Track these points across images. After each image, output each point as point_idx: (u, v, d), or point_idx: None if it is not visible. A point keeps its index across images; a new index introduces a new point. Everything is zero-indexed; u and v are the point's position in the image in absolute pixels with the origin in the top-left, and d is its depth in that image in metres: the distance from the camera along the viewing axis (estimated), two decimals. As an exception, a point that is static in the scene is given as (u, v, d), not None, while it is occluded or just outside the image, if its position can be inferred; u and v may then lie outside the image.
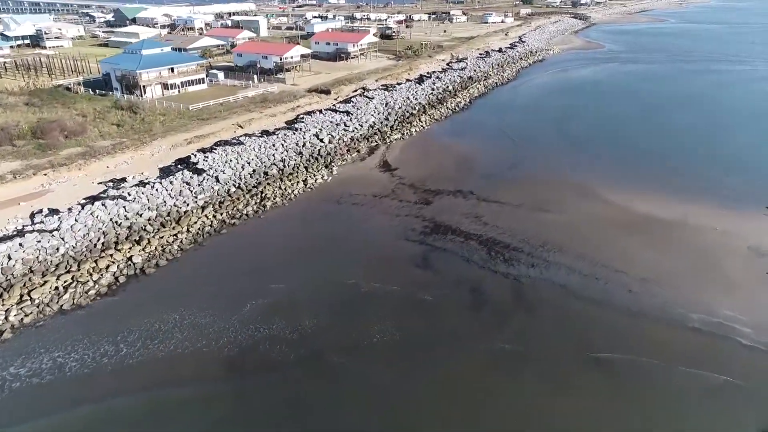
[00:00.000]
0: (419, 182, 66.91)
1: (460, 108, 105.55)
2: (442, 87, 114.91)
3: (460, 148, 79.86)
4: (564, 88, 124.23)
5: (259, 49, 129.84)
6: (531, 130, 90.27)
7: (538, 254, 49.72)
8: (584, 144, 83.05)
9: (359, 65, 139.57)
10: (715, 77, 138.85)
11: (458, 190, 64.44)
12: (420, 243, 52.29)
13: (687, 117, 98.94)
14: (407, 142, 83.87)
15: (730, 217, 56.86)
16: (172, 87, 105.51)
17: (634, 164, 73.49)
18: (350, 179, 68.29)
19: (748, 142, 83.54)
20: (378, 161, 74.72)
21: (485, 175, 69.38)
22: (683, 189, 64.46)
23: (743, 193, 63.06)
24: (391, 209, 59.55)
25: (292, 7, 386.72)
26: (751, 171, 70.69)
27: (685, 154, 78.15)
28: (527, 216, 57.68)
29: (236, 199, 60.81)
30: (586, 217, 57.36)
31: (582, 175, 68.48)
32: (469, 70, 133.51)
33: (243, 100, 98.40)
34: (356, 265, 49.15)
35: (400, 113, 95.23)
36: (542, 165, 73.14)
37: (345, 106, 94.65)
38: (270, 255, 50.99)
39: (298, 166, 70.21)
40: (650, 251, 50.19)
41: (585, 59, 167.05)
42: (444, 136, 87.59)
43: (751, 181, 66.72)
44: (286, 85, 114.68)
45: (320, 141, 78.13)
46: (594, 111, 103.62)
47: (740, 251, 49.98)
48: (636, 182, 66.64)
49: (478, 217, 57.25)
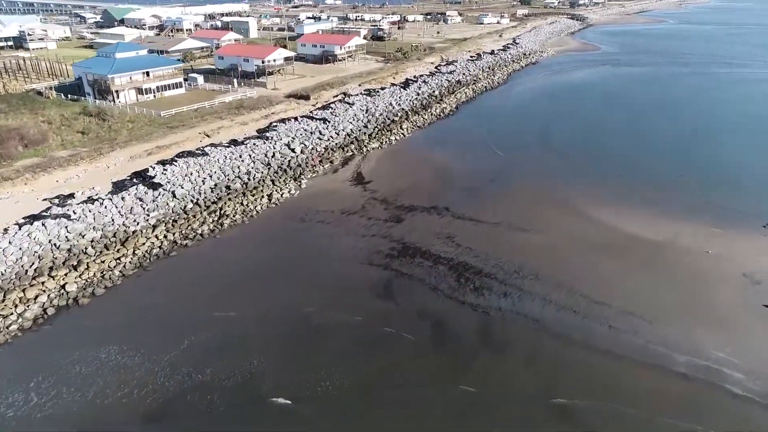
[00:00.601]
0: (393, 197, 62.57)
1: (445, 114, 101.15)
2: (428, 92, 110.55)
3: (439, 159, 75.48)
4: (554, 92, 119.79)
5: (240, 51, 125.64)
6: (516, 139, 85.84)
7: (512, 282, 45.35)
8: (570, 154, 78.59)
9: (346, 68, 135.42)
10: (710, 81, 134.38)
11: (433, 206, 60.08)
12: (385, 268, 47.93)
13: (680, 125, 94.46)
14: (385, 151, 79.49)
15: (725, 238, 52.48)
16: (147, 92, 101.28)
17: (622, 176, 69.08)
18: (319, 193, 63.95)
19: (744, 153, 79.02)
20: (351, 173, 70.37)
21: (463, 189, 65.00)
22: (675, 204, 60.11)
23: (739, 208, 58.70)
24: (358, 228, 55.20)
25: (287, 8, 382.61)
26: (748, 184, 66.31)
27: (678, 165, 73.67)
28: (504, 236, 53.30)
29: (192, 217, 56.47)
30: (568, 237, 53.00)
31: (566, 189, 64.12)
32: (458, 74, 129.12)
33: (219, 105, 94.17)
34: (314, 293, 44.87)
35: (380, 120, 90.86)
36: (525, 178, 68.74)
37: (323, 112, 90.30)
38: (220, 280, 46.65)
39: (264, 179, 65.85)
40: (635, 279, 45.80)
41: (579, 61, 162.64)
42: (424, 145, 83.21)
43: (747, 196, 62.38)
44: (267, 89, 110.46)
45: (291, 151, 73.80)
46: (583, 118, 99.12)
47: (734, 279, 45.58)
48: (624, 197, 62.29)
49: (451, 237, 52.88)
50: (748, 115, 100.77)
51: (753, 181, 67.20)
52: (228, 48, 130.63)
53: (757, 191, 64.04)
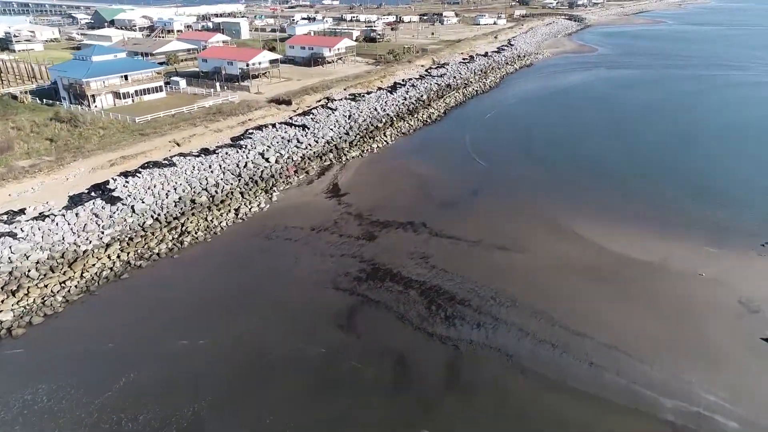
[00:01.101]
0: (368, 211, 58.87)
1: (432, 120, 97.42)
2: (415, 96, 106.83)
3: (421, 169, 71.75)
4: (546, 97, 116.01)
5: (224, 54, 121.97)
6: (503, 148, 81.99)
7: (487, 309, 41.64)
8: (559, 164, 74.67)
9: (335, 71, 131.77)
10: (708, 86, 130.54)
11: (410, 221, 56.37)
12: (351, 293, 44.23)
13: (675, 132, 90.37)
14: (365, 160, 75.75)
15: (719, 259, 48.76)
16: (125, 96, 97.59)
17: (612, 188, 65.33)
18: (290, 207, 60.27)
19: (742, 164, 75.13)
20: (327, 184, 66.66)
21: (443, 204, 61.28)
22: (668, 219, 56.39)
23: (736, 225, 54.97)
24: (328, 247, 51.49)
25: (281, 8, 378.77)
26: (745, 198, 62.49)
27: (671, 176, 69.76)
28: (482, 256, 49.57)
29: (150, 234, 52.77)
30: (551, 257, 49.28)
31: (552, 203, 60.39)
32: (449, 77, 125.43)
33: (198, 110, 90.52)
34: (273, 321, 41.25)
35: (363, 127, 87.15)
36: (509, 190, 65.00)
37: (303, 118, 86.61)
38: (171, 307, 42.98)
39: (233, 191, 62.17)
40: (621, 306, 42.08)
41: (575, 64, 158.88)
42: (407, 153, 79.45)
43: (744, 211, 58.59)
44: (250, 93, 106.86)
45: (265, 161, 70.11)
46: (574, 125, 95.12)
47: (730, 307, 41.87)
48: (614, 211, 58.58)
49: (426, 257, 49.17)
50: (746, 123, 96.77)
51: (751, 195, 63.40)
52: (212, 50, 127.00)
53: (755, 206, 60.27)
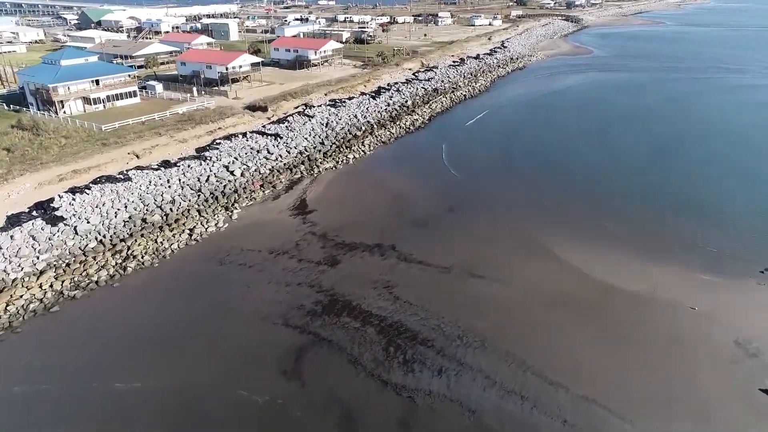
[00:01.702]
0: (335, 231, 54.25)
1: (415, 127, 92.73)
2: (399, 102, 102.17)
3: (397, 182, 67.10)
4: (536, 102, 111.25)
5: (203, 57, 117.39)
6: (486, 159, 76.85)
7: (452, 352, 37.03)
8: (544, 178, 69.69)
9: (320, 74, 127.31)
10: (706, 91, 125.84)
11: (378, 243, 51.76)
12: (302, 330, 39.61)
13: (667, 143, 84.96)
14: (339, 172, 71.06)
15: (714, 289, 44.16)
16: (96, 102, 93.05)
17: (597, 205, 60.58)
18: (251, 227, 55.64)
19: (738, 178, 70.07)
20: (294, 200, 62.02)
21: (417, 222, 56.64)
22: (655, 241, 51.76)
23: (731, 248, 50.35)
24: (285, 274, 46.86)
25: (275, 8, 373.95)
26: (742, 217, 57.66)
27: (661, 191, 64.81)
28: (452, 285, 44.94)
29: (92, 259, 48.16)
30: (529, 286, 44.65)
31: (531, 222, 55.72)
32: (437, 81, 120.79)
33: (170, 117, 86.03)
34: (211, 363, 36.68)
35: (340, 136, 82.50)
36: (487, 207, 60.22)
37: (277, 127, 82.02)
38: (105, 345, 38.37)
39: (189, 209, 57.55)
40: (602, 349, 37.47)
41: (569, 66, 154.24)
42: (384, 165, 74.72)
43: (741, 232, 53.94)
44: (228, 98, 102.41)
45: (230, 174, 65.50)
46: (560, 134, 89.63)
47: (725, 349, 37.26)
48: (597, 231, 53.91)
49: (390, 287, 44.55)
50: (745, 131, 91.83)
51: (750, 213, 58.60)
52: (191, 53, 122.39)
53: (754, 226, 55.53)
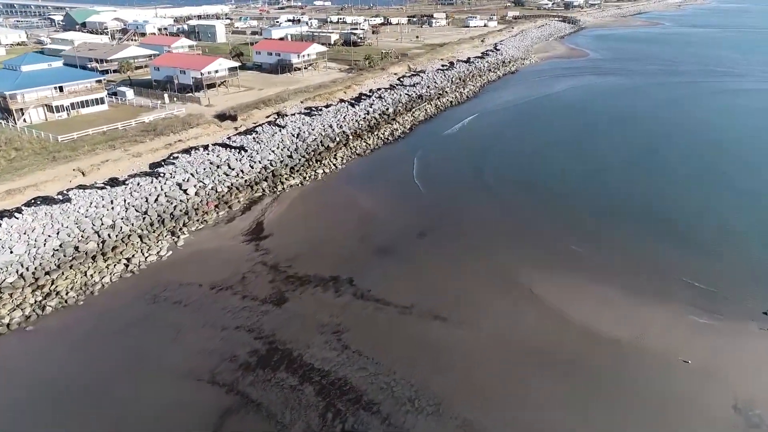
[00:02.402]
0: (288, 261, 48.73)
1: (394, 138, 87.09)
2: (380, 109, 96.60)
3: (365, 202, 61.52)
4: (525, 110, 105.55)
5: (177, 62, 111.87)
6: (465, 175, 70.71)
7: (399, 419, 31.46)
8: (524, 199, 63.42)
9: (302, 79, 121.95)
10: (704, 97, 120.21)
11: (335, 276, 46.25)
12: (230, 389, 34.03)
13: (659, 158, 78.52)
14: (305, 190, 65.46)
15: (709, 335, 38.64)
16: (59, 110, 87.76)
17: (583, 233, 54.54)
18: (196, 255, 50.12)
19: (737, 201, 63.12)
20: (250, 223, 56.47)
21: (381, 250, 51.06)
22: (645, 276, 46.15)
23: (728, 286, 44.74)
24: (223, 315, 41.36)
25: (269, 9, 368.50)
26: (740, 249, 51.41)
27: (652, 216, 58.50)
28: (411, 330, 39.41)
29: (7, 297, 42.65)
30: (498, 332, 39.13)
31: (509, 254, 50.06)
32: (422, 87, 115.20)
33: (135, 126, 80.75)
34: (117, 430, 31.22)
35: (311, 148, 76.90)
36: (461, 234, 54.45)
37: (243, 138, 76.48)
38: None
39: (131, 234, 52.02)
40: (578, 416, 31.92)
41: (563, 70, 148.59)
42: (355, 181, 69.01)
43: (739, 266, 48.22)
44: (201, 105, 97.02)
45: (183, 193, 59.98)
46: (548, 147, 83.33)
47: (722, 414, 31.71)
48: (579, 263, 48.27)
49: (340, 332, 39.03)
50: (744, 144, 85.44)
51: (749, 244, 52.66)
52: (164, 58, 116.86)
53: (753, 259, 49.74)
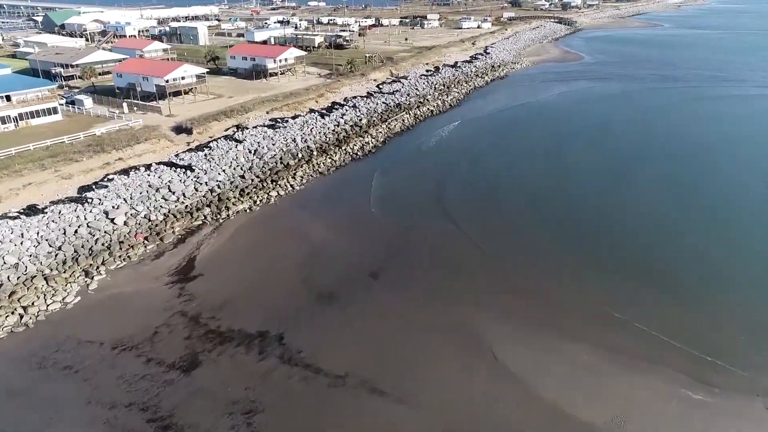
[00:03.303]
0: (212, 311, 41.53)
1: (364, 152, 79.63)
2: (353, 120, 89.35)
3: (316, 233, 54.18)
4: (510, 120, 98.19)
5: (139, 68, 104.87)
6: (432, 201, 62.88)
7: None
8: (495, 231, 55.16)
9: (277, 85, 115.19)
10: (703, 106, 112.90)
11: (262, 331, 39.05)
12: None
13: (651, 179, 69.59)
14: (252, 217, 58.15)
15: (707, 415, 31.42)
16: (5, 121, 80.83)
17: (557, 273, 46.98)
18: (107, 302, 42.88)
19: (744, 242, 54.21)
20: (180, 260, 49.19)
21: (323, 296, 43.78)
22: (629, 335, 38.88)
23: (730, 350, 37.52)
24: (117, 387, 34.05)
25: (260, 10, 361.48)
26: (741, 303, 43.65)
27: (641, 257, 50.26)
28: (339, 409, 32.15)
29: None
30: (446, 412, 31.85)
31: (471, 300, 42.70)
32: (402, 94, 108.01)
33: (84, 139, 73.91)
34: None
35: (269, 166, 69.60)
36: (420, 276, 46.84)
37: (194, 155, 69.26)
38: None
39: (35, 276, 44.86)
40: None
41: (555, 75, 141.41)
42: (310, 206, 61.50)
43: (739, 325, 40.82)
44: (162, 115, 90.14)
45: (110, 222, 52.78)
46: (529, 165, 75.54)
47: None
48: (553, 314, 41.00)
49: (252, 413, 31.76)
50: (749, 165, 77.30)
51: (754, 298, 44.81)
52: (127, 64, 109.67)
53: (756, 315, 42.27)
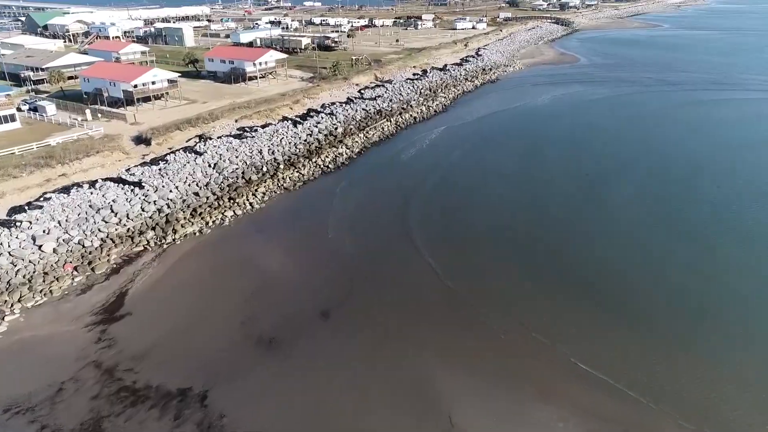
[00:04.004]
0: (133, 360, 35.82)
1: (336, 165, 73.72)
2: (327, 129, 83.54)
3: (267, 263, 48.24)
4: (496, 129, 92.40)
5: (106, 73, 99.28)
6: (401, 221, 57.07)
7: None
8: (464, 262, 48.77)
9: (256, 90, 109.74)
10: (704, 116, 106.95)
11: (184, 389, 33.30)
12: None
13: (643, 204, 62.84)
14: (201, 242, 52.31)
15: None
16: (-42, 129, 75.36)
17: (535, 319, 41.25)
18: (14, 349, 37.06)
19: (745, 282, 47.17)
20: (109, 295, 43.41)
21: (261, 342, 37.88)
22: (610, 398, 33.23)
23: (733, 403, 31.94)
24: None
25: (253, 10, 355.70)
26: (747, 351, 38.17)
27: (628, 304, 44.43)
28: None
29: None
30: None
31: (429, 348, 36.84)
32: (385, 100, 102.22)
33: (37, 151, 68.45)
34: None
35: (229, 181, 63.89)
36: (374, 313, 41.08)
37: (147, 170, 63.58)
38: None
39: (-65, 318, 39.23)
40: None
41: (548, 78, 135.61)
42: (267, 229, 55.69)
43: (742, 378, 35.34)
44: (126, 123, 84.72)
45: (37, 250, 47.12)
46: (514, 181, 69.92)
47: None
48: (523, 372, 35.29)
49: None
50: (752, 185, 70.70)
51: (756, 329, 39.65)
52: (95, 68, 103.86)
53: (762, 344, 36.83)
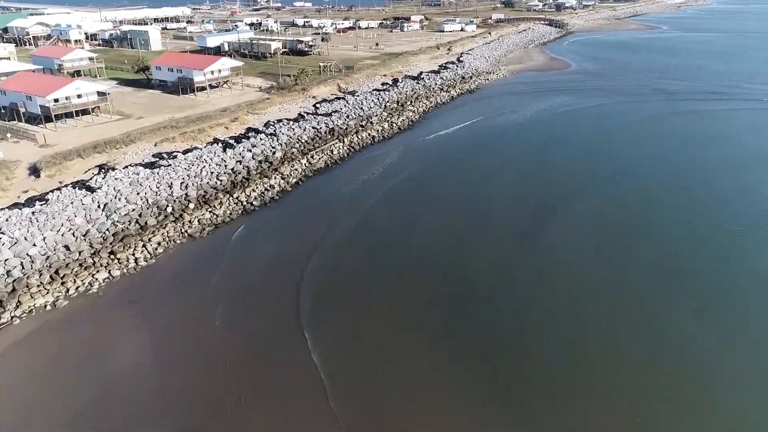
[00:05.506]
0: None
1: (263, 201, 61.33)
2: (264, 154, 71.29)
3: (116, 364, 36.15)
4: (467, 150, 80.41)
5: (25, 85, 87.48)
6: (312, 297, 45.72)
7: None
8: (430, 320, 39.05)
9: (203, 102, 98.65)
10: (704, 133, 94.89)
11: None
12: None
13: (637, 242, 53.69)
14: (49, 320, 39.81)
15: None
16: None
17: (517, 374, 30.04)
18: None
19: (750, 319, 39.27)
20: None
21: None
22: None
23: None
24: None
25: (239, 11, 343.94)
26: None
27: (620, 362, 34.55)
28: None
29: None
30: None
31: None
32: (342, 115, 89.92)
33: None
34: None
35: (117, 228, 51.64)
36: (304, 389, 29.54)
37: (13, 214, 51.26)
38: None
39: None
40: None
41: (534, 87, 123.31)
42: (146, 300, 43.40)
43: None
44: (36, 145, 73.33)
45: None
46: (483, 220, 59.32)
47: None
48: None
49: None
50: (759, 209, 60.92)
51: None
52: (14, 79, 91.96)
53: None
